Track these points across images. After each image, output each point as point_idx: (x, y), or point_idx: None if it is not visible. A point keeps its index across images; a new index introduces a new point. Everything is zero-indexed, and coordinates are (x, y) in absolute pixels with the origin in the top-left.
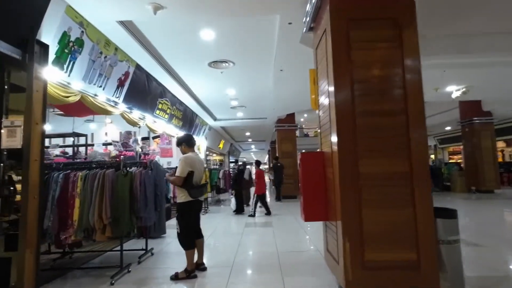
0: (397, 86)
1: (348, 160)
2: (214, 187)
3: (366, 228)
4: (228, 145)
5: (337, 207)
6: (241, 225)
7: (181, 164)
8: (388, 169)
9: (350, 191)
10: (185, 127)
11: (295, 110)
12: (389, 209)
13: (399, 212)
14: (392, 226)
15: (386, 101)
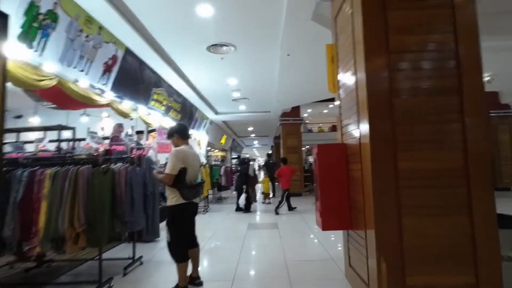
0: (448, 57)
1: (384, 154)
2: (215, 185)
3: (408, 243)
4: (231, 141)
5: (368, 214)
6: (244, 226)
7: (171, 159)
8: (436, 165)
9: (386, 194)
10: (184, 120)
11: (301, 102)
12: (438, 217)
13: (451, 221)
14: (442, 239)
15: (433, 77)
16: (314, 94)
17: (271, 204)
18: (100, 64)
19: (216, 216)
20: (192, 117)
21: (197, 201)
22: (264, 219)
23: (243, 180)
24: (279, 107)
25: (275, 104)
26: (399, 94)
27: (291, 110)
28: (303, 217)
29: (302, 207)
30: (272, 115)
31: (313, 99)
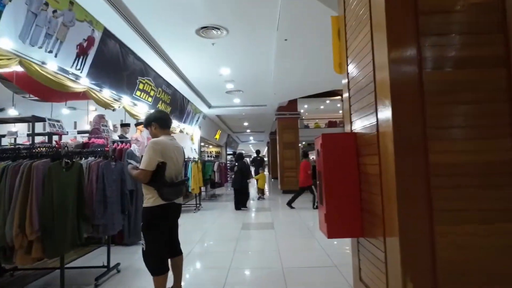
0: (490, 20)
1: (411, 144)
2: (208, 181)
3: (443, 257)
4: (225, 136)
5: (390, 220)
6: (238, 226)
7: (147, 152)
8: (479, 158)
9: (414, 195)
10: (175, 113)
11: (300, 94)
12: (482, 224)
13: (500, 229)
14: (489, 254)
15: (472, 44)
16: (314, 86)
17: (265, 200)
18: (73, 46)
19: (208, 215)
20: (183, 110)
21: (180, 201)
22: (259, 218)
23: (243, 177)
24: (276, 101)
25: (271, 97)
26: (429, 67)
27: (287, 104)
28: (301, 216)
29: (299, 205)
30: (268, 109)
31: (313, 91)
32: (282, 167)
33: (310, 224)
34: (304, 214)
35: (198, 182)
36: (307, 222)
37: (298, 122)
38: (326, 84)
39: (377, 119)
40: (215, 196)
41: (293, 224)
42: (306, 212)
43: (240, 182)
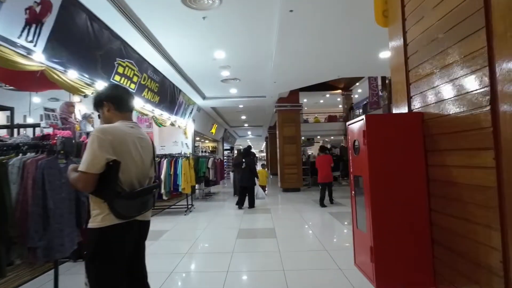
0: None
1: None
2: (202, 179)
3: None
4: (222, 131)
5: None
6: (233, 233)
7: (90, 145)
8: None
9: None
10: (164, 103)
11: (304, 83)
12: None
13: None
14: None
15: None
16: (320, 73)
17: (265, 199)
18: (20, 10)
19: (200, 218)
20: (174, 100)
21: (146, 217)
22: (259, 222)
23: (251, 176)
24: (276, 91)
25: (271, 87)
26: None
27: (288, 94)
28: (304, 218)
29: (300, 206)
30: (267, 101)
31: (317, 79)
32: (282, 163)
33: (316, 230)
34: (308, 216)
35: (190, 181)
36: (313, 228)
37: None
38: (337, 69)
39: (493, 81)
40: (210, 195)
41: (297, 230)
42: (310, 214)
43: (249, 179)
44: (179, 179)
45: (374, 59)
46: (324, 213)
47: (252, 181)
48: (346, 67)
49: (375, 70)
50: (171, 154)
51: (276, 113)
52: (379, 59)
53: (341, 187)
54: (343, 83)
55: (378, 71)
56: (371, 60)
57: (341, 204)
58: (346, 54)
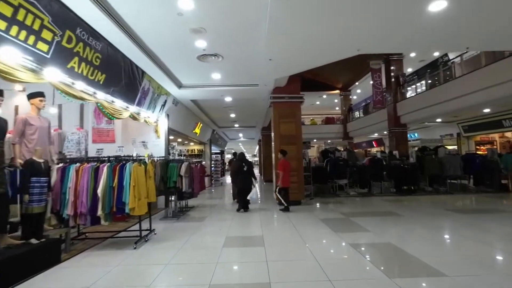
0: None
1: None
2: (173, 191)
3: None
4: (209, 132)
5: None
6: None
7: None
8: None
9: None
10: (117, 86)
11: (308, 63)
12: None
13: None
14: None
15: None
16: (336, 43)
17: (255, 215)
18: None
19: (157, 254)
20: (134, 85)
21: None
22: (246, 266)
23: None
24: (271, 75)
25: (265, 69)
26: None
27: (287, 83)
28: (298, 230)
29: (306, 232)
30: (261, 92)
31: (332, 54)
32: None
33: (311, 241)
34: (325, 254)
35: (148, 196)
36: (305, 239)
37: (301, 109)
38: (359, 37)
39: None
40: (184, 211)
41: (289, 243)
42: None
43: (250, 182)
44: (125, 195)
45: (416, 16)
46: (350, 250)
47: (251, 183)
48: (373, 33)
49: (416, 38)
50: (119, 158)
51: (271, 107)
52: (427, 15)
53: (350, 199)
54: (341, 83)
55: (422, 39)
56: (412, 18)
57: (363, 229)
58: (373, 11)
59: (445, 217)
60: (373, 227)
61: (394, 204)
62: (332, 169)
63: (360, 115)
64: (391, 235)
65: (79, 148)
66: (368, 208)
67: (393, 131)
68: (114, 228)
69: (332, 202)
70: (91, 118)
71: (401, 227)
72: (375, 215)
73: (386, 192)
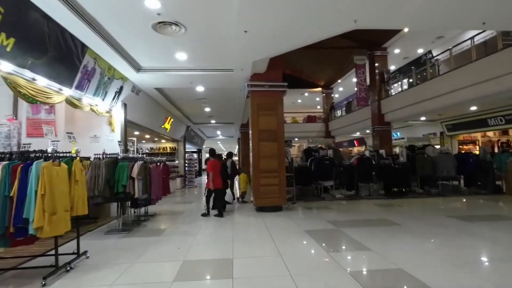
0: None
1: None
2: (122, 196)
3: None
4: (183, 128)
5: None
6: None
7: None
8: None
9: None
10: (40, 59)
11: (293, 41)
12: None
13: None
14: None
15: None
16: (328, 10)
17: (226, 225)
18: None
19: None
20: (69, 59)
21: None
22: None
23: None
24: (248, 56)
25: (239, 47)
26: None
27: (267, 68)
28: (280, 251)
29: (277, 233)
30: (237, 79)
31: (324, 29)
32: (256, 170)
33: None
34: (284, 246)
35: (74, 207)
36: (287, 259)
37: (284, 99)
38: (356, 9)
39: None
40: (140, 221)
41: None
42: (285, 245)
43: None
44: (27, 208)
45: None
46: (356, 285)
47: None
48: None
49: (429, 9)
50: (27, 154)
51: (249, 98)
52: None
53: (336, 203)
54: (323, 80)
55: (435, 11)
56: None
57: (359, 245)
58: None
59: (450, 226)
60: (371, 242)
61: (386, 209)
62: (316, 170)
63: (343, 114)
64: (398, 255)
65: (10, 143)
66: (359, 215)
67: (377, 129)
68: (27, 251)
69: (317, 207)
70: (26, 106)
71: (405, 242)
72: (370, 224)
73: (375, 195)
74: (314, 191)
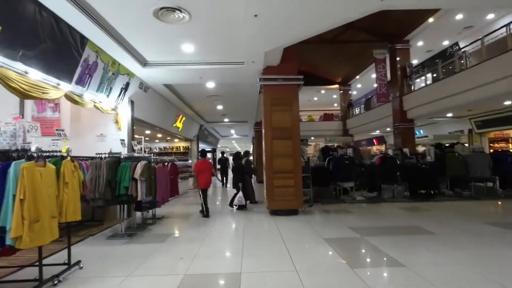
0: None
1: None
2: (124, 199)
3: None
4: (196, 127)
5: None
6: None
7: None
8: None
9: None
10: (33, 50)
11: (309, 27)
12: None
13: None
14: None
15: None
16: None
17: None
18: None
19: None
20: (67, 52)
21: None
22: None
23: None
24: (259, 46)
25: (250, 36)
26: None
27: (281, 61)
28: (296, 266)
29: (293, 241)
30: (249, 73)
31: (340, 11)
32: (270, 170)
33: None
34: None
35: (63, 212)
36: None
37: (299, 94)
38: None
39: None
40: (146, 225)
41: None
42: (302, 256)
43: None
44: (3, 215)
45: None
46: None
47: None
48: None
49: None
50: (8, 153)
51: (261, 94)
52: None
53: (357, 206)
54: (341, 77)
55: None
56: None
57: (390, 260)
58: None
59: (493, 236)
60: (404, 256)
61: (414, 214)
62: (335, 170)
63: (361, 111)
64: (438, 274)
65: (15, 142)
66: (385, 221)
67: (399, 127)
68: (20, 260)
69: (336, 210)
70: (31, 104)
71: (444, 256)
72: (399, 232)
73: (399, 197)
74: (332, 192)
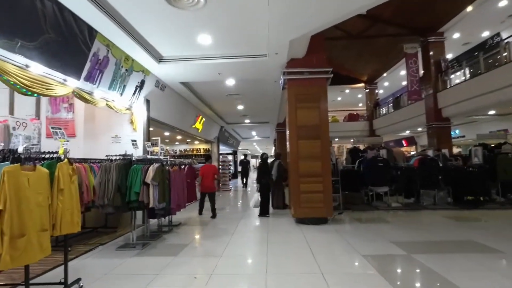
0: None
1: None
2: (135, 206)
3: None
4: (216, 129)
5: None
6: None
7: None
8: None
9: None
10: (34, 41)
11: (339, 10)
12: None
13: None
14: None
15: None
16: None
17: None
18: None
19: None
20: (74, 45)
21: None
22: None
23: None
24: (283, 33)
25: (271, 21)
26: None
27: (307, 52)
28: None
29: (326, 259)
30: (271, 67)
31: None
32: (295, 174)
33: None
34: None
35: (57, 225)
36: None
37: (327, 88)
38: None
39: None
40: (161, 233)
41: None
42: None
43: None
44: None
45: None
46: None
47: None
48: None
49: None
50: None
51: (285, 90)
52: None
53: (393, 214)
54: (366, 75)
55: None
56: None
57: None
58: None
59: None
60: (470, 283)
61: (463, 224)
62: (367, 173)
63: (389, 110)
64: None
65: (31, 143)
66: (433, 233)
67: (433, 126)
68: (18, 274)
69: (370, 218)
70: (46, 105)
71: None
72: (452, 249)
73: (441, 204)
74: (363, 198)
